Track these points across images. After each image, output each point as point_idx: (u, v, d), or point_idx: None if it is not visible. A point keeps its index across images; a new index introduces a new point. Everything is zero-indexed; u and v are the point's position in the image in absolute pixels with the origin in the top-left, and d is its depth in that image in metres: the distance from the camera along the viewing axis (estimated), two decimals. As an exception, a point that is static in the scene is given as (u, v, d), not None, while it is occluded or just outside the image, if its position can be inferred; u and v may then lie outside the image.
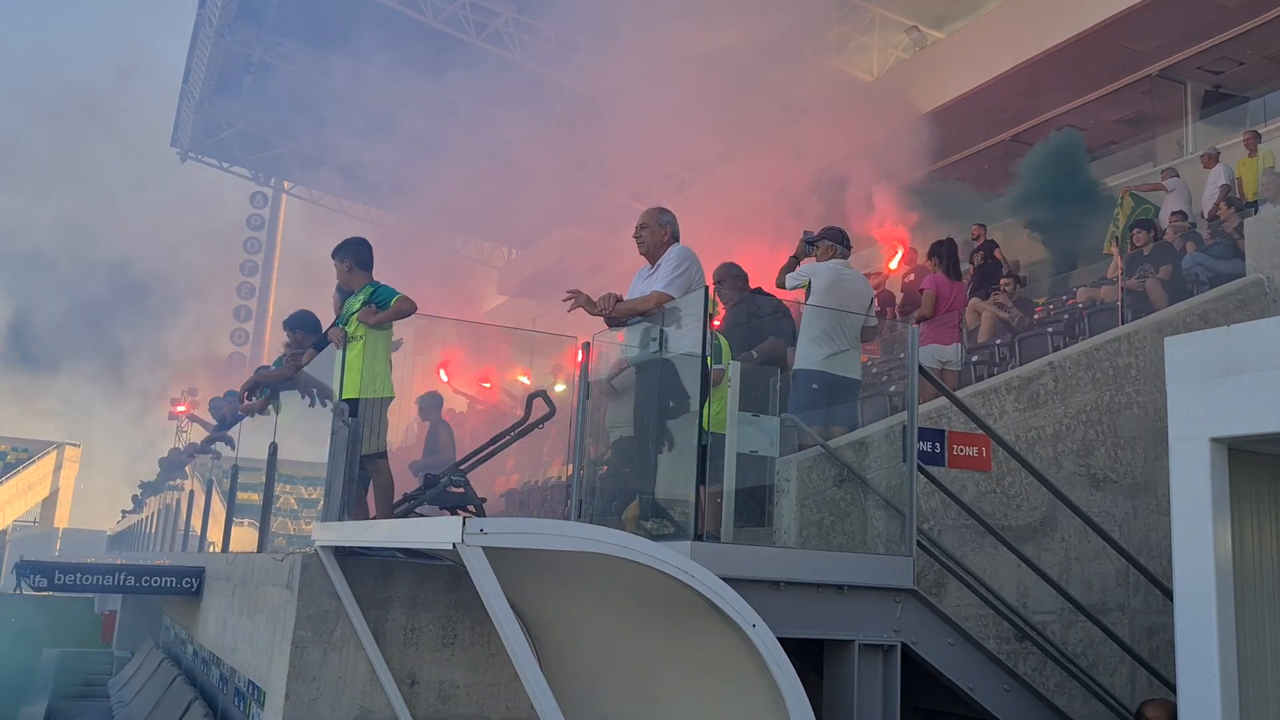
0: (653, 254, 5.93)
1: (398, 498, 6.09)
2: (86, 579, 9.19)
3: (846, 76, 20.45)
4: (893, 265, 15.71)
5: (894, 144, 17.18)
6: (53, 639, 17.16)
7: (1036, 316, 11.65)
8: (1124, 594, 6.69)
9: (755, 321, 6.88)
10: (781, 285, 7.74)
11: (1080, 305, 11.40)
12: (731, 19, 17.59)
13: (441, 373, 13.45)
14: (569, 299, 5.71)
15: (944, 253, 8.95)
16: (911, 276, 14.75)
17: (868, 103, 19.01)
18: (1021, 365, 8.24)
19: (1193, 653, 4.37)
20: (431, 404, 9.37)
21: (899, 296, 14.50)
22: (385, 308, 5.97)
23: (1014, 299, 11.89)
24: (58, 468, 62.34)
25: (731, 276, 7.05)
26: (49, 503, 61.79)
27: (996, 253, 13.22)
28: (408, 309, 6.01)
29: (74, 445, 61.64)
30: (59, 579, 9.00)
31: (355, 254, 6.24)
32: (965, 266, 13.87)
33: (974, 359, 10.57)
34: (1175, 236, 11.20)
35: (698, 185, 23.80)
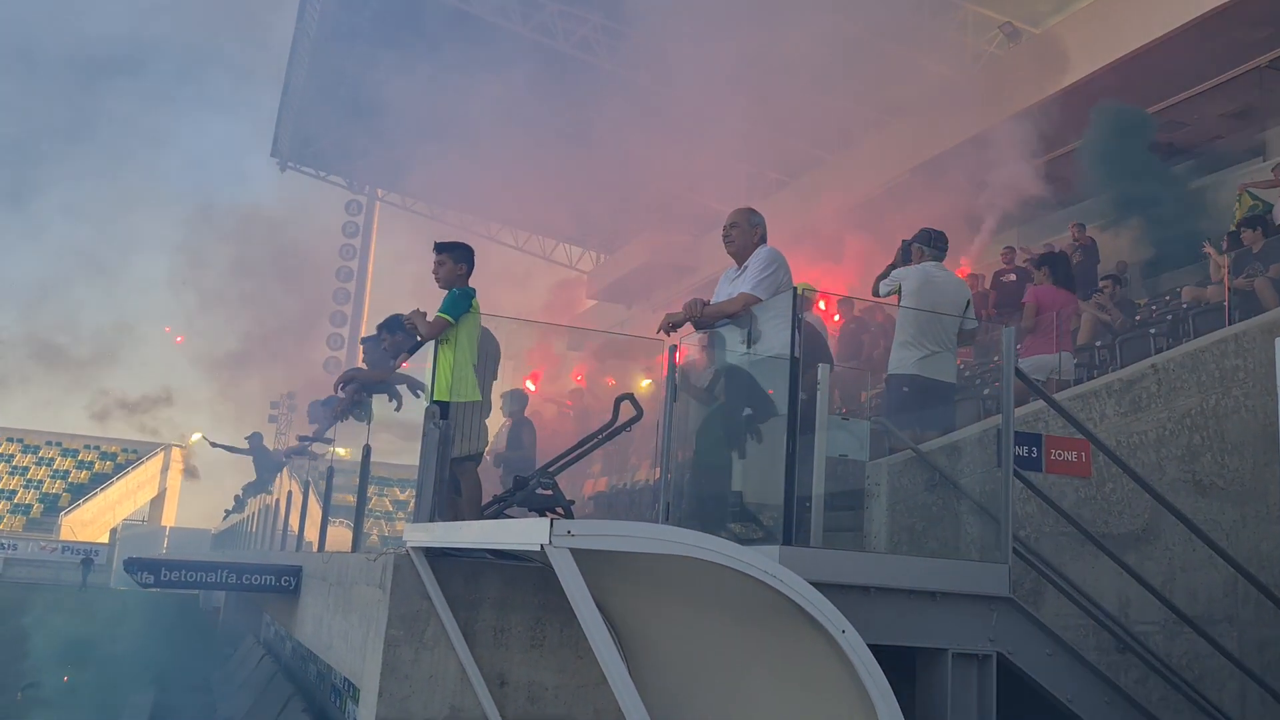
0: (742, 255, 5.89)
1: (486, 499, 6.16)
2: (191, 576, 9.48)
3: (938, 75, 20.12)
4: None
5: (988, 143, 16.84)
6: (159, 633, 17.76)
7: (1138, 318, 11.29)
8: (1232, 605, 6.42)
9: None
10: (876, 294, 7.65)
11: (1184, 305, 11.01)
12: (820, 18, 17.45)
13: (529, 383, 13.61)
14: (661, 328, 5.73)
15: (1054, 263, 8.91)
16: (1012, 276, 14.43)
17: (960, 101, 18.67)
18: (1123, 368, 7.99)
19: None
20: (516, 401, 9.50)
21: (992, 296, 14.20)
22: (445, 311, 6.03)
23: (1115, 300, 11.53)
24: (165, 469, 64.59)
25: None
26: (156, 502, 64.05)
27: (1092, 251, 12.89)
28: (433, 329, 6.04)
29: (180, 446, 63.76)
30: (165, 576, 9.29)
31: (467, 257, 6.32)
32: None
33: (1074, 362, 10.29)
34: (1287, 234, 10.74)
35: (787, 187, 23.64)
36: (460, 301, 6.07)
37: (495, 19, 23.24)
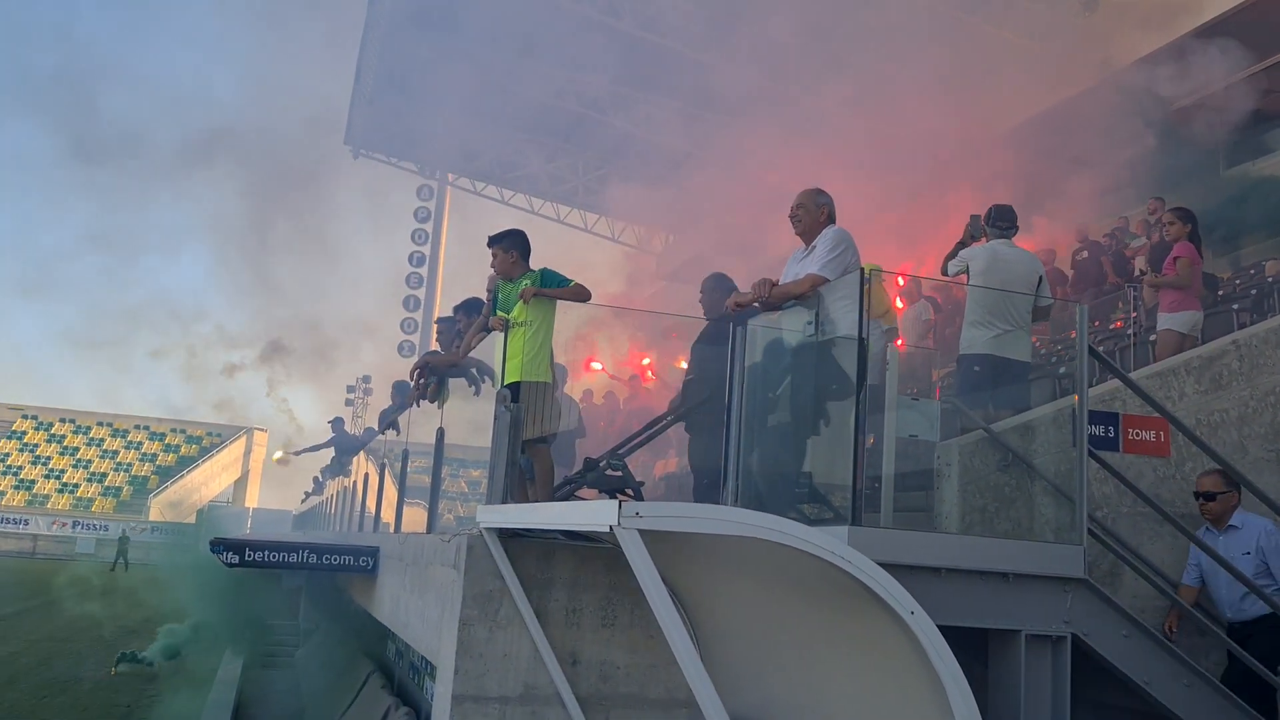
0: (809, 235, 5.89)
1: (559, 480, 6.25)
2: (273, 556, 9.70)
3: (1011, 44, 19.70)
4: None
5: (1061, 117, 16.47)
6: (246, 611, 18.27)
7: (1220, 293, 10.99)
8: (1320, 587, 6.25)
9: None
10: (945, 273, 7.58)
11: (1270, 280, 10.69)
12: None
13: (594, 364, 13.64)
14: (728, 307, 5.80)
15: (1194, 220, 8.62)
16: (1085, 254, 14.13)
17: (1036, 72, 18.26)
18: (1203, 344, 7.80)
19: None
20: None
21: (1071, 275, 13.94)
22: (558, 284, 6.16)
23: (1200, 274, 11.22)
24: (247, 451, 66.38)
25: (709, 289, 7.00)
26: (240, 484, 65.86)
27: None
28: (583, 294, 6.19)
29: (261, 430, 65.48)
30: (249, 555, 9.52)
31: (518, 243, 6.42)
32: (1142, 241, 13.23)
33: (1151, 338, 10.07)
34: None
35: (857, 166, 23.31)
36: (561, 278, 6.22)
37: (562, 1, 23.28)
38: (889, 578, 3.80)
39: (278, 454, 31.57)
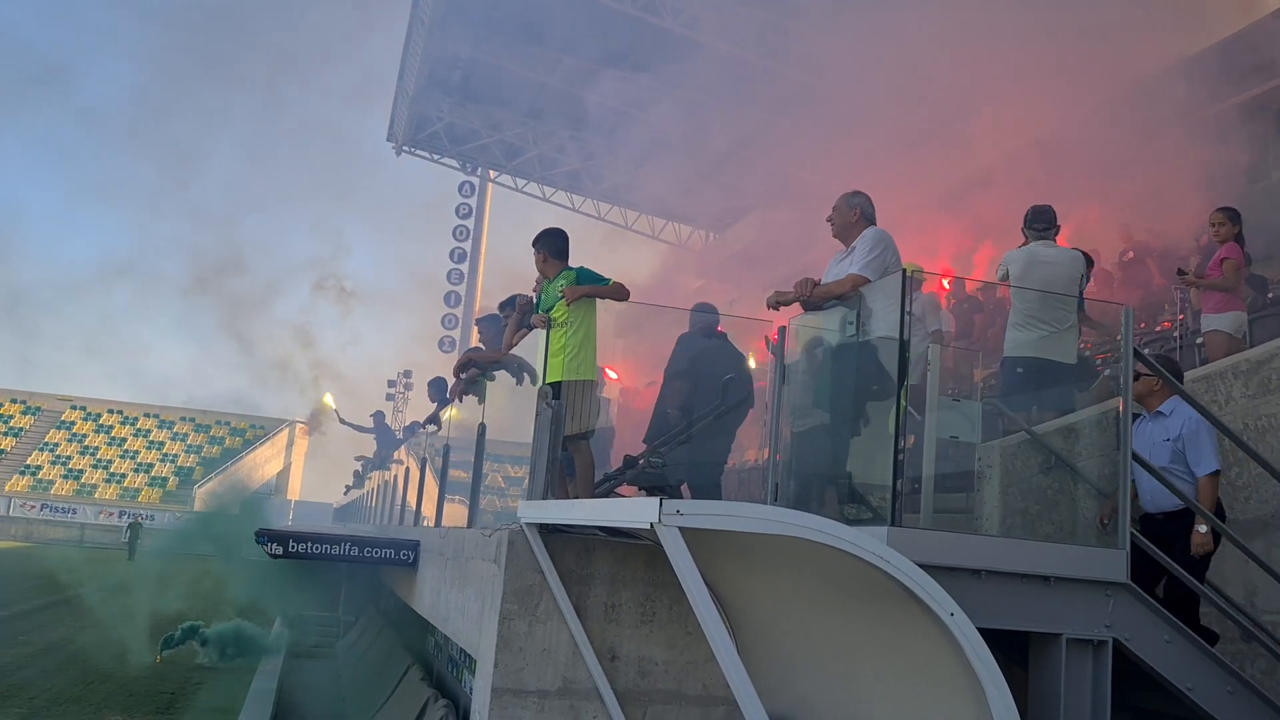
0: (842, 236, 5.90)
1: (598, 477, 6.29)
2: (316, 548, 9.84)
3: (1057, 41, 19.41)
4: None
5: (1114, 109, 16.23)
6: (288, 602, 18.51)
7: (1270, 295, 10.81)
8: (1369, 595, 6.15)
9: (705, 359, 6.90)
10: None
11: (1321, 282, 10.50)
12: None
13: (610, 372, 13.69)
14: (769, 305, 5.84)
15: (1240, 220, 8.51)
16: (1130, 255, 13.95)
17: (1083, 66, 18.00)
18: (1252, 347, 7.69)
19: None
20: None
21: (1117, 275, 13.78)
22: (594, 282, 6.19)
23: (1244, 277, 11.04)
24: (289, 444, 67.15)
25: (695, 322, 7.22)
26: (282, 475, 66.64)
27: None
28: (621, 292, 6.22)
29: (303, 423, 66.18)
30: (293, 547, 9.67)
31: (550, 244, 6.47)
32: (1190, 244, 13.04)
33: (1199, 341, 9.92)
34: None
35: (896, 162, 23.17)
36: (597, 276, 6.26)
37: (603, -1, 23.32)
38: (929, 579, 3.81)
39: (328, 396, 31.19)
